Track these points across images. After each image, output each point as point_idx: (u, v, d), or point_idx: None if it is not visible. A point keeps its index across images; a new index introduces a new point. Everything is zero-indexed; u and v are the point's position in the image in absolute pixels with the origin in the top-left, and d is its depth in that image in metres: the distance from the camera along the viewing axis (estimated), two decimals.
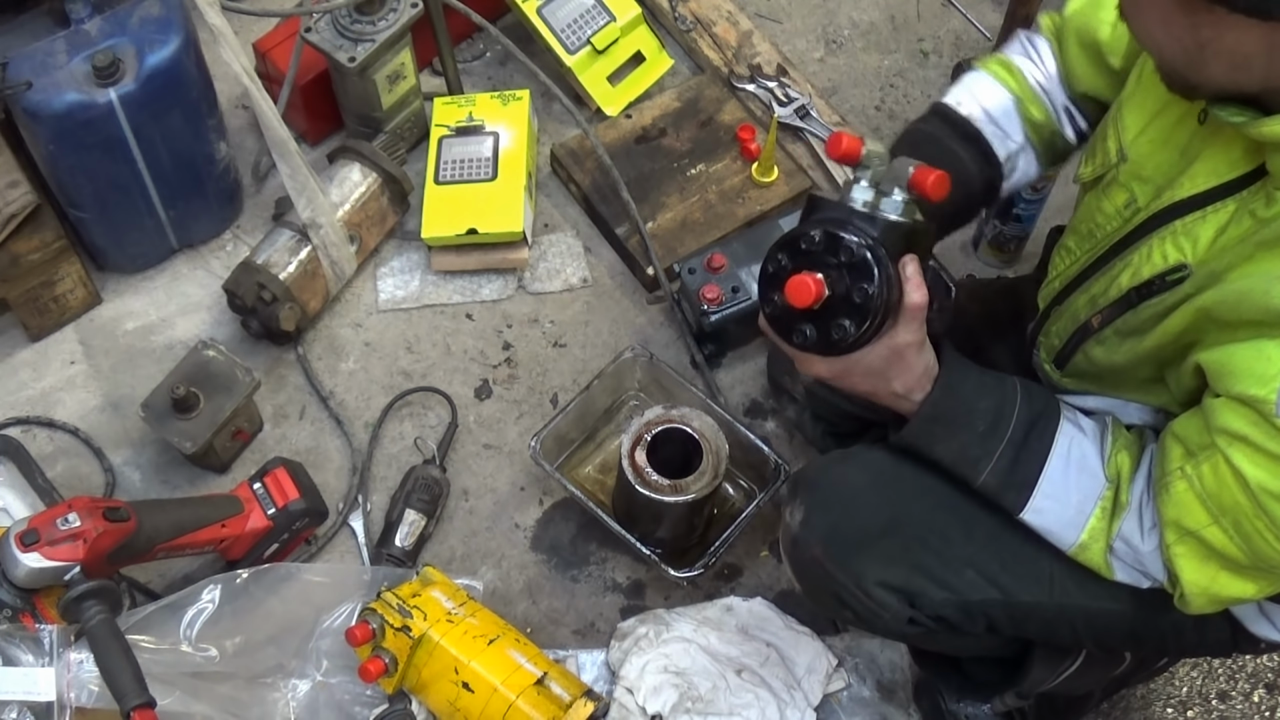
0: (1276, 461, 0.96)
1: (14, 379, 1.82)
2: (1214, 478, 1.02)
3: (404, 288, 1.95)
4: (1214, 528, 1.03)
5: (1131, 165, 1.15)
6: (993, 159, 1.32)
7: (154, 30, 1.65)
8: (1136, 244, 1.12)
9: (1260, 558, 1.02)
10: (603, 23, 2.08)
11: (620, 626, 1.64)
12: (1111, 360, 1.18)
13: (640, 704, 1.54)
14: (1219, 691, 1.76)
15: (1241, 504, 1.00)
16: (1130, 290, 1.12)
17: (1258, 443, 0.97)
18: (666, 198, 1.99)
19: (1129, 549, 1.14)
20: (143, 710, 1.28)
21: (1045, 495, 1.16)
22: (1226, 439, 0.99)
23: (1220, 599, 1.09)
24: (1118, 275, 1.14)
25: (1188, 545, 1.07)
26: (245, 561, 1.60)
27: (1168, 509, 1.07)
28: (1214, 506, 1.02)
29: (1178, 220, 1.07)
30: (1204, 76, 0.94)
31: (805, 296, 1.01)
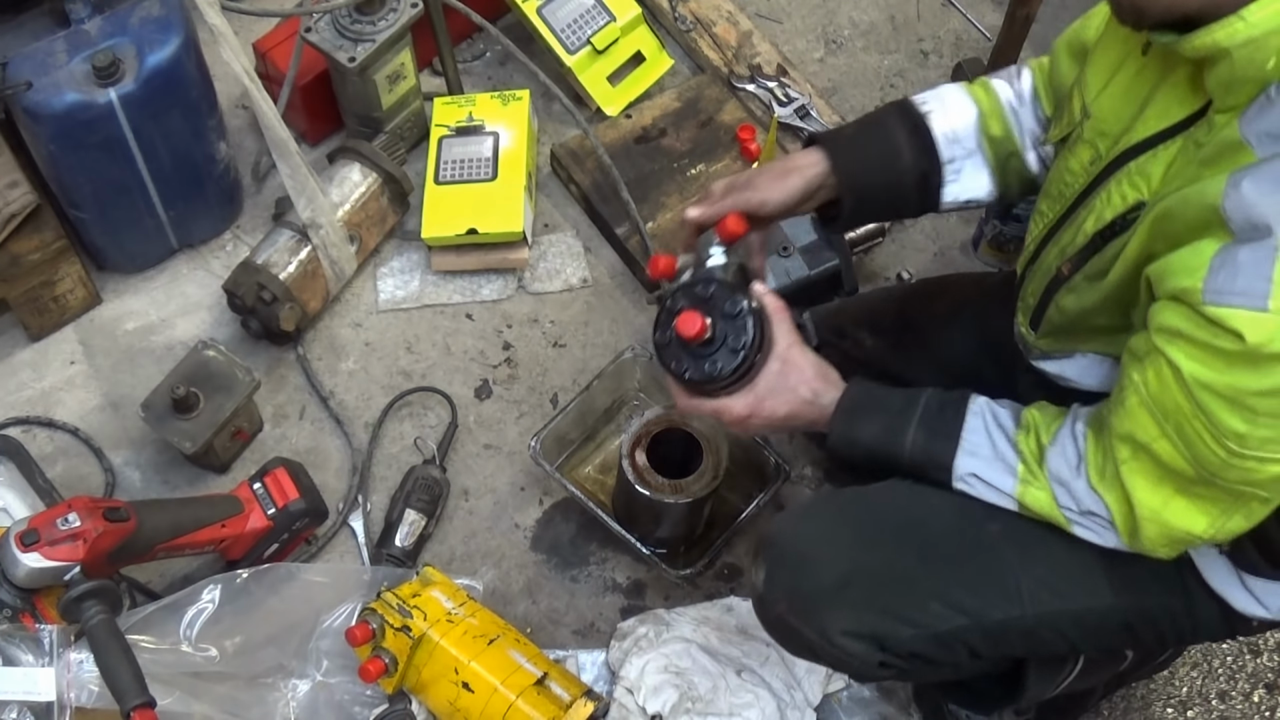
0: (1205, 350, 0.97)
1: (14, 379, 1.82)
2: (1157, 380, 1.02)
3: (404, 288, 1.95)
4: (1163, 440, 1.04)
5: (1094, 121, 1.18)
6: (932, 155, 1.33)
7: (154, 30, 1.65)
8: (1097, 190, 1.16)
9: (1202, 464, 1.02)
10: (603, 23, 2.08)
11: (620, 626, 1.64)
12: (1081, 306, 1.20)
13: (640, 704, 1.54)
14: (1219, 691, 1.76)
15: (1181, 405, 1.00)
16: (1095, 234, 1.15)
17: (1189, 334, 0.98)
18: (666, 198, 1.99)
19: (1066, 491, 1.15)
20: (143, 710, 1.28)
21: (968, 452, 1.19)
22: (1164, 337, 1.01)
23: (1172, 530, 1.08)
24: (1083, 222, 1.17)
25: (1141, 461, 1.07)
26: (245, 561, 1.60)
27: (1122, 422, 1.07)
28: (1159, 412, 1.03)
29: (1132, 161, 1.11)
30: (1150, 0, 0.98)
31: (693, 327, 1.17)
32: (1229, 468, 1.00)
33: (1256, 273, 0.92)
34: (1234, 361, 0.95)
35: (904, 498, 1.27)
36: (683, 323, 1.17)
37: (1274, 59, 0.95)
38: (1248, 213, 0.95)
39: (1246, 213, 0.95)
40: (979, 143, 1.35)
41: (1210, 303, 0.95)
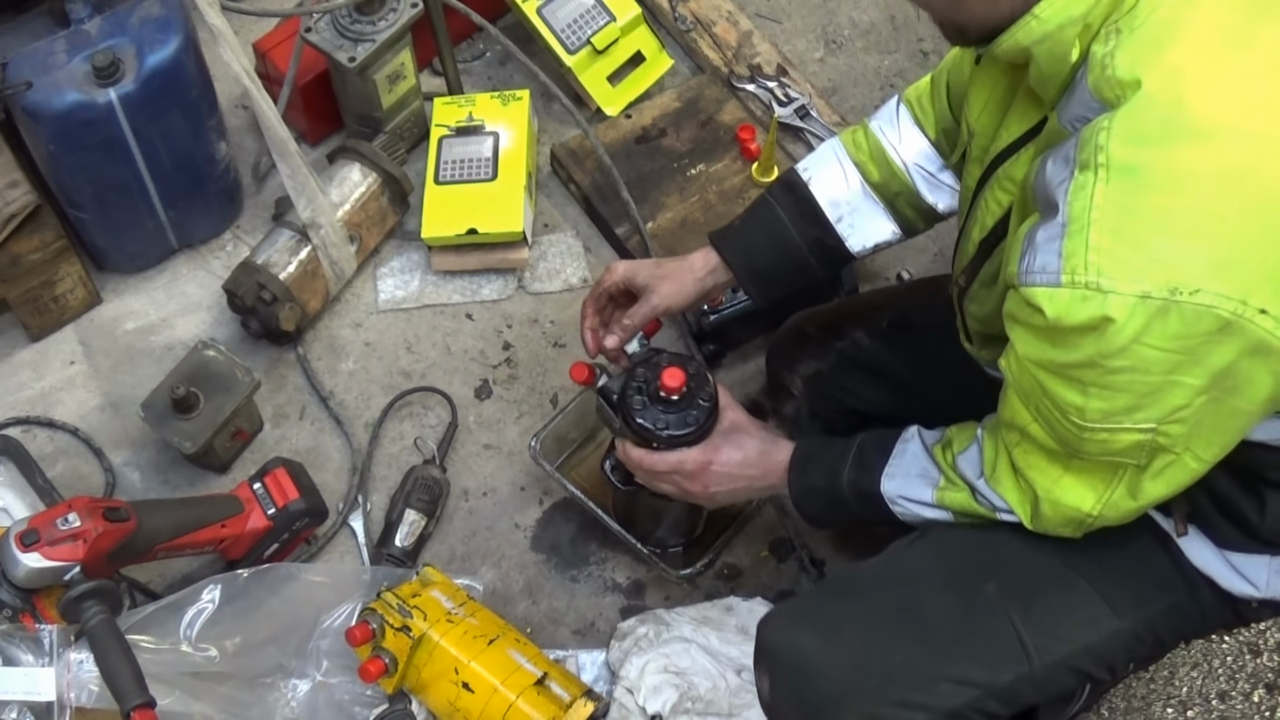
0: (1027, 328, 1.00)
1: (14, 379, 1.82)
2: (1016, 364, 1.05)
3: (404, 288, 1.95)
4: (1035, 423, 1.07)
5: (977, 138, 1.23)
6: (820, 219, 1.44)
7: (154, 30, 1.65)
8: (978, 199, 1.20)
9: (1064, 440, 1.05)
10: (603, 23, 2.08)
11: (620, 626, 1.64)
12: (985, 313, 1.23)
13: (640, 704, 1.54)
14: (1219, 691, 1.76)
15: (1032, 385, 1.04)
16: (980, 242, 1.19)
17: (1017, 315, 1.01)
18: (666, 198, 1.99)
19: (977, 491, 1.20)
20: (143, 710, 1.28)
21: (889, 475, 1.26)
22: (1009, 321, 1.04)
23: (1064, 509, 1.12)
24: (970, 233, 1.22)
25: (1028, 444, 1.10)
26: (245, 561, 1.60)
27: (1005, 410, 1.12)
28: (1023, 395, 1.07)
29: (999, 168, 1.15)
30: (966, 14, 1.03)
31: (676, 379, 1.37)
32: (1084, 440, 1.03)
33: (1049, 249, 0.95)
34: (1047, 337, 0.98)
35: (893, 578, 1.28)
36: (667, 376, 1.37)
37: (1075, 50, 0.98)
38: (1044, 191, 0.99)
39: (1044, 190, 0.99)
40: (864, 192, 1.44)
41: (1023, 284, 0.98)
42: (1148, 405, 0.98)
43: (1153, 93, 0.93)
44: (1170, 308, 0.91)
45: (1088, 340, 0.95)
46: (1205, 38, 0.94)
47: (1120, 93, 0.94)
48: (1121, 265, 0.92)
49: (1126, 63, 0.94)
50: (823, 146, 1.49)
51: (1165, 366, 0.94)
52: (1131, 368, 0.95)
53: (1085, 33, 0.97)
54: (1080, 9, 0.96)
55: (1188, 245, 0.91)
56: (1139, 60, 0.94)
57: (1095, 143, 0.94)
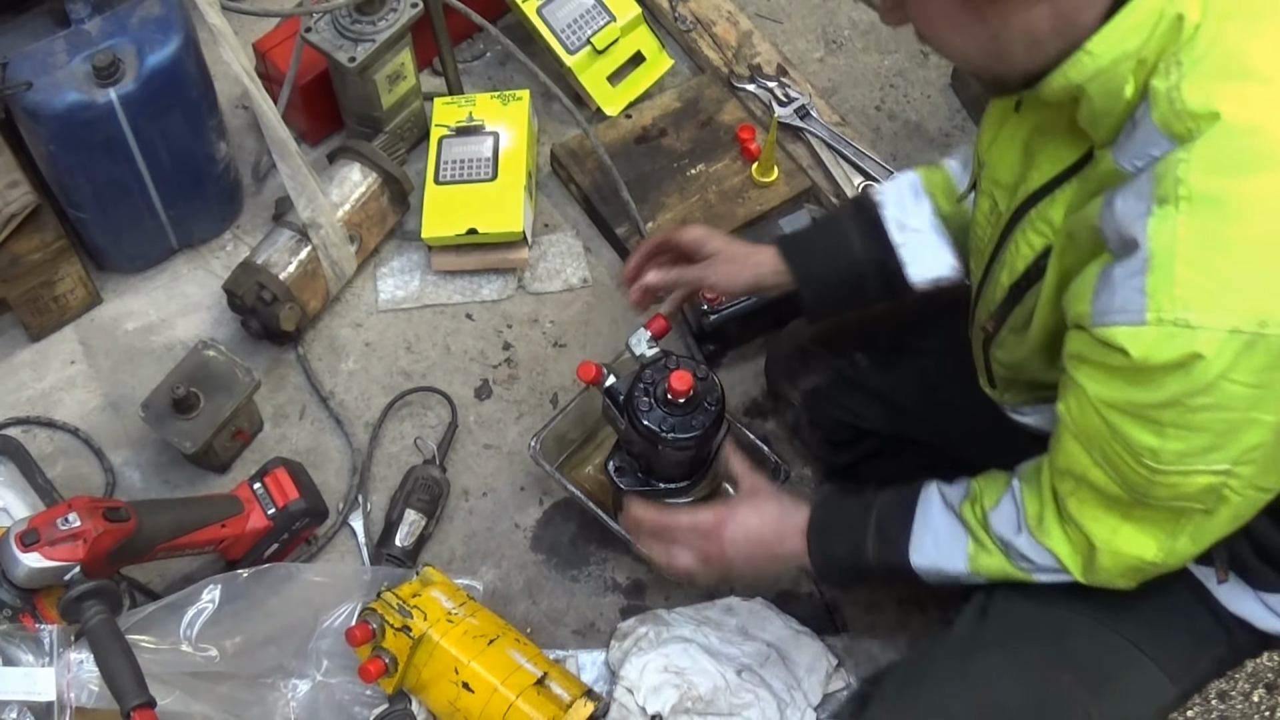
0: (1102, 369, 0.98)
1: (14, 379, 1.82)
2: (1077, 407, 1.03)
3: (404, 288, 1.95)
4: (1095, 469, 1.05)
5: (989, 170, 1.20)
6: (885, 242, 1.42)
7: (154, 30, 1.65)
8: (1005, 243, 1.17)
9: (1131, 486, 1.02)
10: (603, 23, 2.08)
11: (620, 626, 1.64)
12: (1013, 359, 1.22)
13: (640, 704, 1.54)
14: (1219, 691, 1.76)
15: (1099, 428, 1.01)
16: (1011, 286, 1.16)
17: (1088, 356, 0.99)
18: (666, 198, 1.99)
19: (1014, 550, 1.18)
20: (143, 710, 1.28)
21: (916, 549, 1.24)
22: (1073, 363, 1.02)
23: (1125, 558, 1.09)
24: (998, 277, 1.19)
25: (1084, 492, 1.08)
26: (245, 561, 1.60)
27: (1059, 457, 1.09)
28: (1085, 440, 1.04)
29: (1032, 209, 1.12)
30: (1007, 65, 1.00)
31: (685, 382, 1.41)
32: (1154, 485, 1.01)
33: (1130, 286, 0.93)
34: (1127, 377, 0.96)
35: (965, 677, 1.26)
36: (676, 379, 1.41)
37: (1130, 86, 0.95)
38: (1118, 228, 0.96)
39: (1117, 228, 0.96)
40: (933, 223, 1.41)
41: (1097, 324, 0.96)
42: (1225, 445, 0.96)
43: (1230, 123, 0.90)
44: (1258, 341, 0.89)
45: (1173, 379, 0.93)
46: (1275, 63, 0.92)
47: (1194, 125, 0.91)
48: (1209, 299, 0.90)
49: (1197, 95, 0.91)
50: (900, 175, 1.47)
51: (1246, 403, 0.92)
52: (1214, 405, 0.93)
53: (1140, 67, 0.95)
54: (1135, 43, 0.93)
55: (1276, 276, 0.89)
56: (1210, 91, 0.91)
57: (1174, 175, 0.91)
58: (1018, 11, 0.93)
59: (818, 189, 2.05)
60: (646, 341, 1.54)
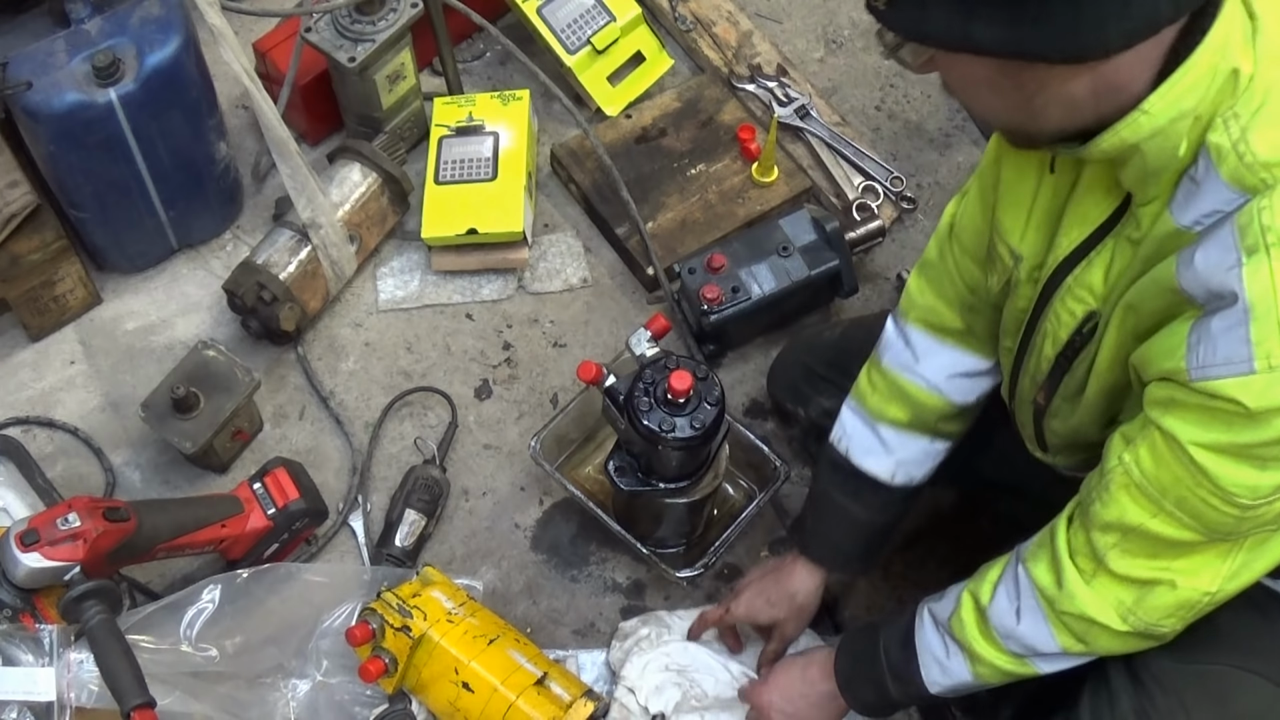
0: (1203, 413, 0.96)
1: (14, 379, 1.82)
2: (1151, 456, 1.02)
3: (404, 288, 1.95)
4: (1160, 518, 1.03)
5: (1027, 260, 1.19)
6: (876, 483, 1.43)
7: (154, 30, 1.65)
8: (1044, 314, 1.17)
9: (1214, 529, 1.02)
10: (603, 23, 2.08)
11: (622, 626, 1.64)
12: (1070, 427, 1.22)
13: (642, 704, 1.54)
14: None
15: (1181, 477, 1.00)
16: (1057, 356, 1.16)
17: (1183, 401, 0.98)
18: (666, 198, 1.99)
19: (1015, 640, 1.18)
20: (143, 710, 1.28)
21: (931, 681, 1.27)
22: (1158, 410, 1.01)
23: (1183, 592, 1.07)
24: (1041, 348, 1.18)
25: (1132, 543, 1.07)
26: (245, 561, 1.60)
27: (1107, 510, 1.07)
28: (1155, 490, 1.02)
29: (1068, 276, 1.11)
30: (1041, 126, 0.99)
31: (684, 381, 1.42)
32: (1244, 521, 1.00)
33: (1233, 338, 0.92)
34: (1235, 422, 0.95)
35: None
36: (676, 379, 1.42)
37: (1184, 144, 0.95)
38: (1206, 284, 0.95)
39: (1205, 284, 0.95)
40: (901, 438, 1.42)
41: (1198, 379, 0.95)
42: None
43: None
44: None
45: None
46: None
47: (1267, 175, 0.92)
48: None
49: (1265, 145, 0.92)
50: (844, 410, 1.47)
51: None
52: None
53: (1195, 125, 0.94)
54: (1192, 101, 0.93)
55: None
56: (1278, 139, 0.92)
57: (1260, 224, 0.91)
58: (1056, 80, 0.92)
59: (818, 189, 2.05)
60: (646, 341, 1.54)
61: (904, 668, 1.29)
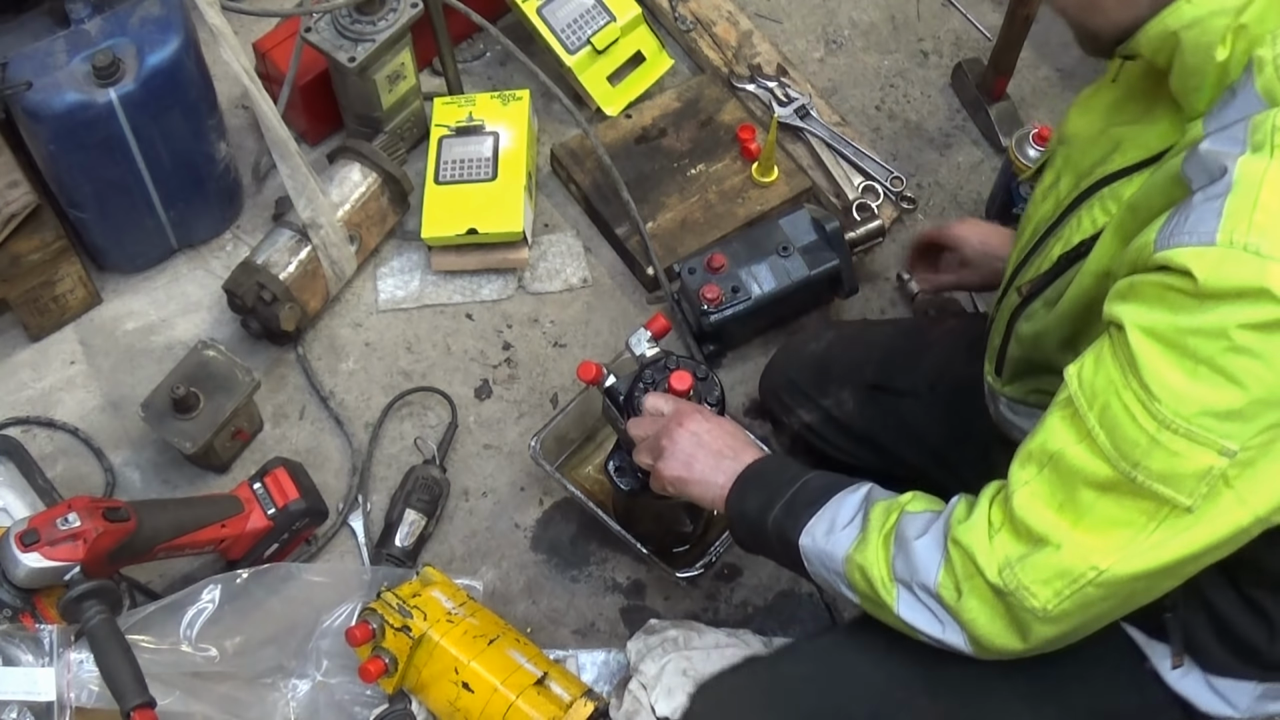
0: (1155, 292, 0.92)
1: (14, 379, 1.82)
2: (1094, 362, 0.97)
3: (404, 288, 1.95)
4: (1081, 444, 0.96)
5: (1067, 147, 1.21)
6: None
7: (154, 30, 1.65)
8: (1066, 218, 1.15)
9: (1124, 450, 0.93)
10: (603, 23, 2.08)
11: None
12: (1035, 331, 1.18)
13: (651, 703, 1.53)
14: None
15: (1114, 377, 0.94)
16: (1059, 258, 1.14)
17: (1140, 285, 0.93)
18: (666, 198, 1.99)
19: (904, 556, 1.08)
20: (143, 710, 1.28)
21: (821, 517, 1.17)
22: (1115, 302, 0.96)
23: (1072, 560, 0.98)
24: (1050, 249, 1.16)
25: (1044, 480, 0.99)
26: (245, 561, 1.60)
27: (1032, 440, 1.01)
28: (1085, 400, 0.96)
29: (1105, 188, 1.11)
30: (1102, 18, 1.03)
31: (684, 382, 1.41)
32: (1155, 448, 0.92)
33: (1207, 210, 0.89)
34: (1178, 302, 0.90)
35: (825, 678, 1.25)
36: (675, 379, 1.41)
37: (1223, 47, 0.96)
38: (1204, 162, 0.94)
39: (1203, 163, 0.94)
40: None
41: (1160, 248, 0.91)
42: (1248, 415, 0.88)
43: None
44: None
45: (1229, 306, 0.87)
46: None
47: None
48: None
49: None
50: None
51: None
52: (1260, 354, 0.87)
53: (1239, 33, 0.95)
54: (1236, 1, 0.94)
55: None
56: None
57: (1272, 124, 0.90)
58: None
59: (818, 189, 2.05)
60: (646, 341, 1.54)
61: (801, 506, 1.19)
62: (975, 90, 2.15)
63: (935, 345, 1.55)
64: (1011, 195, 1.89)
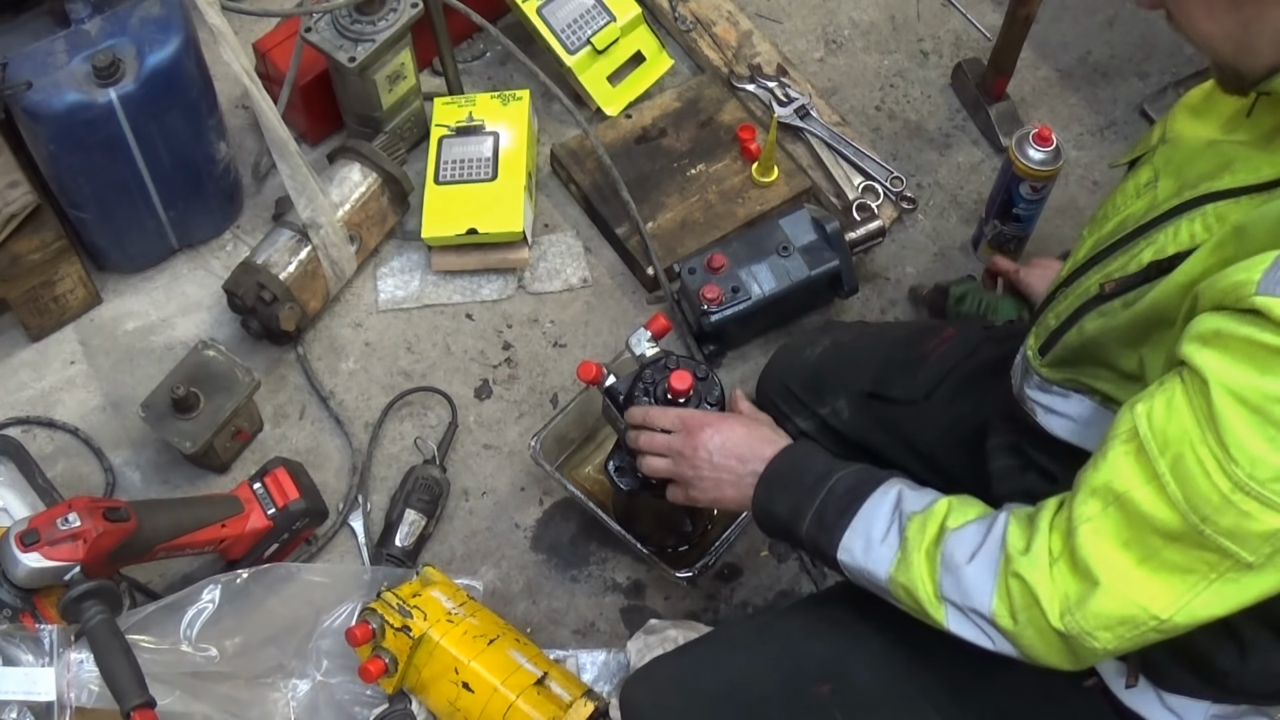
0: (1243, 347, 0.89)
1: (14, 379, 1.82)
2: (1165, 407, 0.94)
3: (404, 288, 1.95)
4: (1149, 486, 0.94)
5: (1169, 148, 1.15)
6: None
7: (154, 30, 1.65)
8: (1163, 224, 1.09)
9: (1195, 504, 0.91)
10: (603, 23, 2.08)
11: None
12: (1103, 328, 1.13)
13: None
14: None
15: (1189, 429, 0.91)
16: (1150, 264, 1.07)
17: (1228, 332, 0.89)
18: (666, 198, 1.99)
19: (953, 579, 1.07)
20: (143, 710, 1.28)
21: (854, 533, 1.16)
22: (1195, 346, 0.92)
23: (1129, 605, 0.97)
24: (1139, 252, 1.10)
25: (1109, 519, 0.97)
26: (245, 561, 1.60)
27: (1098, 474, 0.98)
28: (1156, 446, 0.93)
29: (1212, 205, 1.04)
30: (1253, 61, 0.97)
31: (684, 381, 1.41)
32: (1226, 507, 0.90)
33: None
34: (1269, 362, 0.87)
35: (737, 664, 1.27)
36: (675, 379, 1.41)
37: None
38: None
39: None
40: None
41: (1263, 292, 0.86)
42: None
43: None
44: None
45: None
46: None
47: None
48: None
49: None
50: None
51: None
52: None
53: None
54: None
55: None
56: None
57: None
58: (1274, 11, 0.91)
59: (818, 189, 2.05)
60: (646, 341, 1.54)
61: (833, 519, 1.17)
62: (975, 90, 2.15)
63: (931, 355, 1.53)
64: (1011, 195, 1.89)
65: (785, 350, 1.72)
